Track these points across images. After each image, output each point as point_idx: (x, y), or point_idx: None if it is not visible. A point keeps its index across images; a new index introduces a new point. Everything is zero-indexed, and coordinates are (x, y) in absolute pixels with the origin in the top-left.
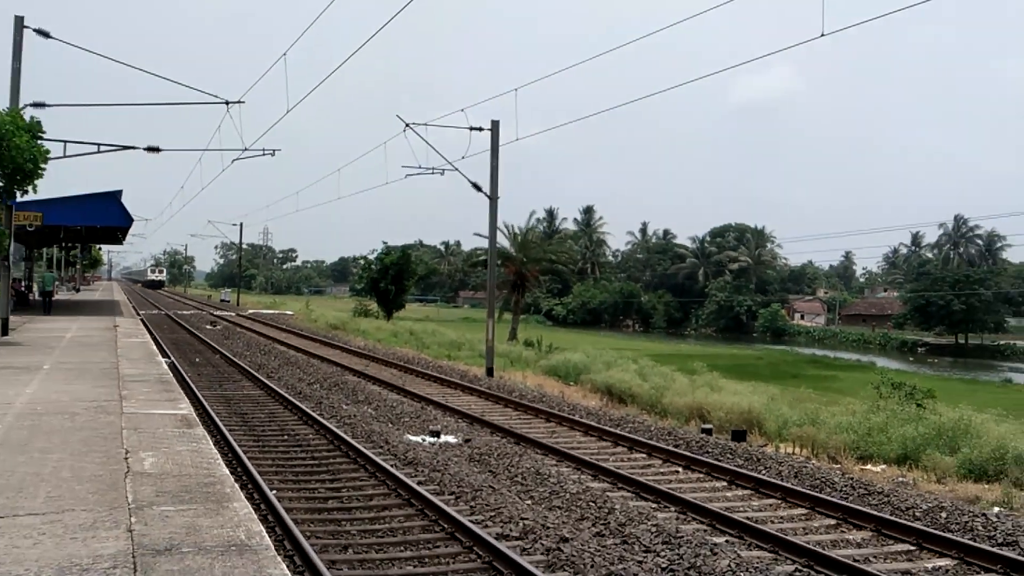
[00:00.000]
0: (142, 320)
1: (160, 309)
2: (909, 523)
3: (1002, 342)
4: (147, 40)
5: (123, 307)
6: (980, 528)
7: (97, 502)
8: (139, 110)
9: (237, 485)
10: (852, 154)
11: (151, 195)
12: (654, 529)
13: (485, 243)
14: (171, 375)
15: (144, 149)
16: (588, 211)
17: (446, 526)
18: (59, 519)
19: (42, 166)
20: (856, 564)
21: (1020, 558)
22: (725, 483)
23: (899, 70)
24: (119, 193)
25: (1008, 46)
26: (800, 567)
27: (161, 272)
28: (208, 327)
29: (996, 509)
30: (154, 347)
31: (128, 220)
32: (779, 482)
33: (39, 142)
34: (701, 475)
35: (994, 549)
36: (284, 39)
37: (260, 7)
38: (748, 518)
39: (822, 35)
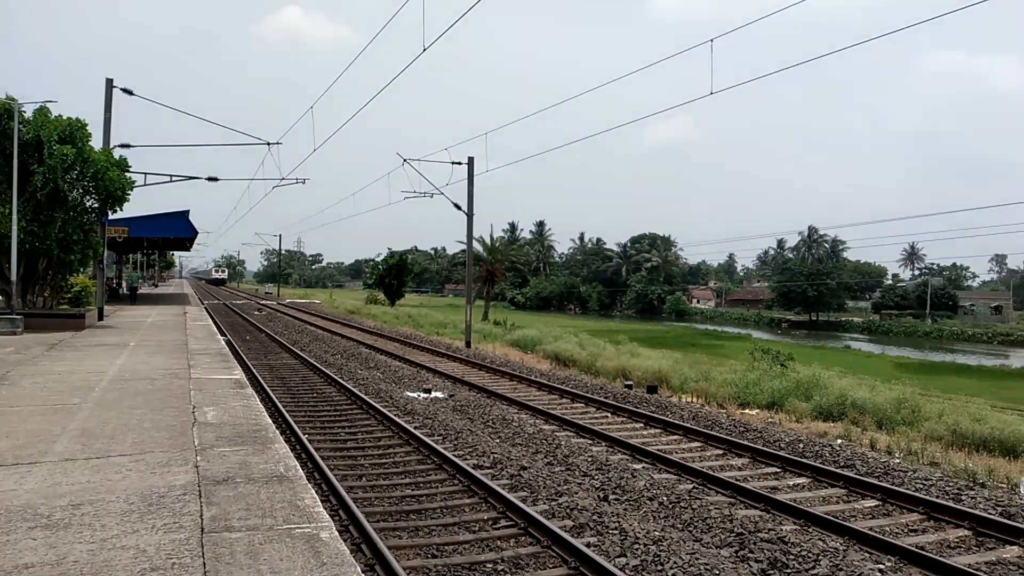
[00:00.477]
0: (205, 308)
1: (219, 300)
2: (776, 452)
3: (843, 319)
4: (208, 94)
5: (191, 298)
6: (828, 455)
7: (171, 445)
8: (201, 148)
9: (278, 431)
10: (734, 181)
11: (211, 213)
12: (590, 459)
13: (464, 248)
14: (227, 349)
15: (206, 179)
16: (540, 224)
17: (436, 460)
18: (142, 458)
19: (128, 193)
20: (737, 482)
21: (857, 476)
22: (642, 424)
23: (767, 118)
24: (187, 212)
25: (839, 103)
26: (697, 484)
27: (223, 272)
28: (256, 313)
29: (839, 441)
30: (214, 328)
31: (194, 232)
32: (681, 423)
33: (126, 174)
34: (624, 418)
35: (838, 470)
36: (313, 94)
37: (294, 72)
38: (659, 450)
39: (711, 93)
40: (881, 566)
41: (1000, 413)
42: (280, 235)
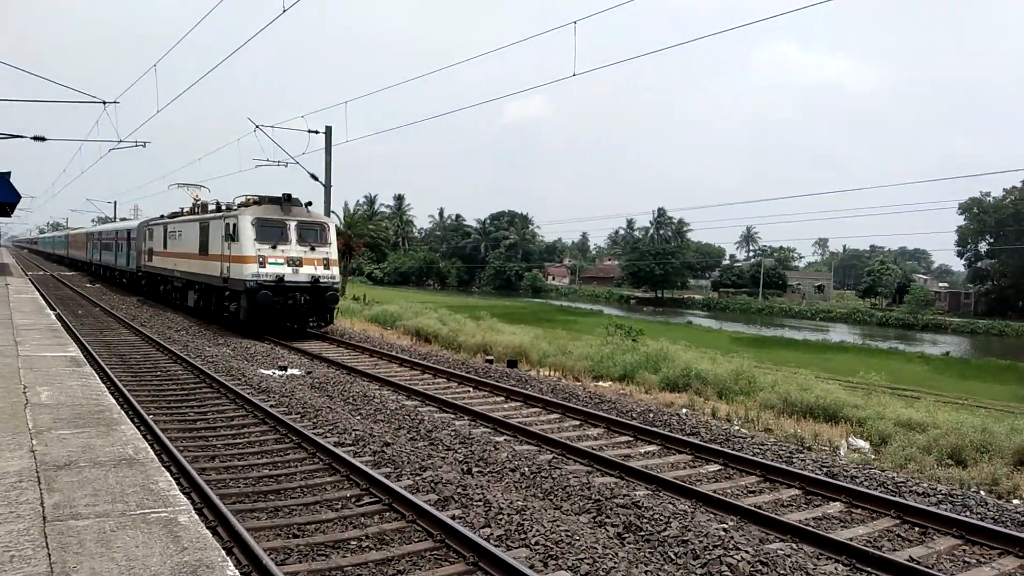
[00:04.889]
0: (30, 280)
1: (45, 271)
2: (629, 422)
3: (686, 296)
4: (37, 47)
5: (12, 269)
6: (675, 424)
7: (1, 429)
8: (28, 105)
9: (123, 412)
10: (588, 161)
11: (37, 176)
12: (453, 433)
13: None
14: (59, 324)
15: (31, 138)
16: (399, 198)
17: (294, 438)
18: None
19: None
20: (594, 451)
21: (701, 443)
22: (503, 398)
23: (621, 102)
24: (8, 174)
25: (687, 91)
26: (556, 454)
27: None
28: (88, 285)
29: (684, 410)
30: (43, 302)
31: (16, 196)
32: (541, 396)
33: None
34: (486, 393)
35: (684, 438)
36: (158, 50)
37: (137, 21)
38: (520, 422)
39: (574, 74)
40: (725, 525)
41: (823, 383)
42: (115, 202)
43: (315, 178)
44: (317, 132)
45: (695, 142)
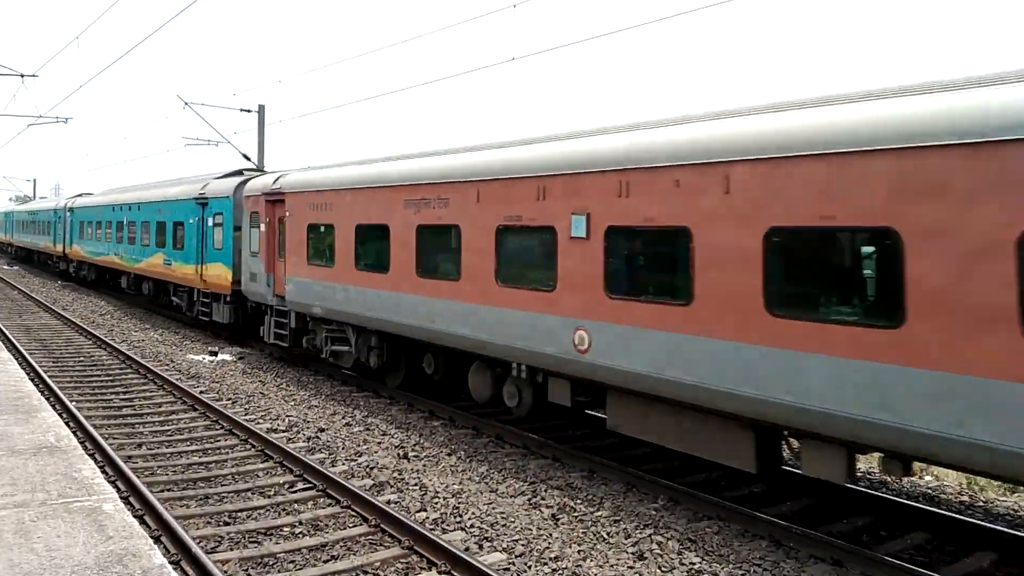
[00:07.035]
0: None
1: None
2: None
3: None
4: None
5: None
6: None
7: None
8: None
9: (44, 399)
10: None
11: None
12: (389, 419)
13: None
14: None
15: None
16: None
17: (225, 425)
18: None
19: None
20: (528, 433)
21: None
22: None
23: (562, 89)
24: None
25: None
26: (492, 439)
27: None
28: (5, 267)
29: None
30: None
31: None
32: None
33: None
34: None
35: None
36: (81, 22)
37: None
38: (456, 406)
39: (512, 59)
40: (656, 505)
41: None
42: (35, 180)
43: (247, 158)
44: (249, 111)
45: None
